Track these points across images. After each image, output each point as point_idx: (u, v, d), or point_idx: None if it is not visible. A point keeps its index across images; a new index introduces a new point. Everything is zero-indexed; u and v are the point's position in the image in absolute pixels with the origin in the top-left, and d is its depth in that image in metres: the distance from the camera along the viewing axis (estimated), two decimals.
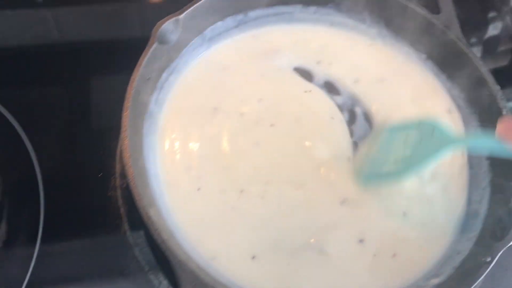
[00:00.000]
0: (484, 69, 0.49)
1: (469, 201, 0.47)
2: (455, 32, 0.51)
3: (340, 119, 0.49)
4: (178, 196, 0.44)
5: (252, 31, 0.54)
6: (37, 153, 0.48)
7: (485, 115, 0.49)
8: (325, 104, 0.50)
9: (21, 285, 0.42)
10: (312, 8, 0.54)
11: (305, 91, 0.50)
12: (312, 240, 0.43)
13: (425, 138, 0.43)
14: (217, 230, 0.43)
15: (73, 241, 0.45)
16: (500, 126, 0.37)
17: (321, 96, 0.51)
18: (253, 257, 0.43)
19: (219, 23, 0.52)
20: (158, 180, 0.45)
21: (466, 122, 0.51)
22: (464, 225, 0.46)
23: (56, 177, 0.48)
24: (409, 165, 0.43)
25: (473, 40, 0.61)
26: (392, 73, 0.53)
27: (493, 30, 0.64)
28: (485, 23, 0.64)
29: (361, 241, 0.44)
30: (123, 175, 0.47)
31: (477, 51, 0.59)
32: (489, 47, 0.59)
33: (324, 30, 0.55)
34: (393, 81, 0.52)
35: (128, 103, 0.42)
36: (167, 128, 0.48)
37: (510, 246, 0.45)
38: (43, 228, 0.44)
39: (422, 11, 0.52)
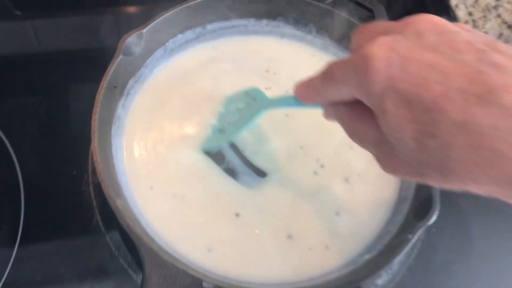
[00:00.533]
0: None
1: (400, 189, 0.54)
2: None
3: None
4: (139, 191, 0.51)
5: (210, 42, 0.60)
6: (18, 156, 0.53)
7: None
8: None
9: (3, 274, 0.47)
10: (264, 21, 0.61)
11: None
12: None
13: (250, 104, 0.50)
14: (172, 223, 0.49)
15: (51, 236, 0.50)
16: (296, 90, 0.39)
17: None
18: (209, 250, 0.49)
19: (179, 36, 0.58)
20: (125, 176, 0.51)
21: None
22: (396, 209, 0.53)
23: (35, 177, 0.53)
24: (237, 127, 0.50)
25: None
26: None
27: None
28: None
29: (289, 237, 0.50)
30: (95, 172, 0.53)
31: None
32: None
33: (275, 41, 0.61)
34: None
35: (97, 108, 0.48)
36: (132, 130, 0.53)
37: (436, 226, 0.53)
38: (23, 224, 0.50)
39: (360, 23, 0.59)
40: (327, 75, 0.35)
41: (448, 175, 0.29)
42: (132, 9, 0.73)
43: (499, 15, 0.73)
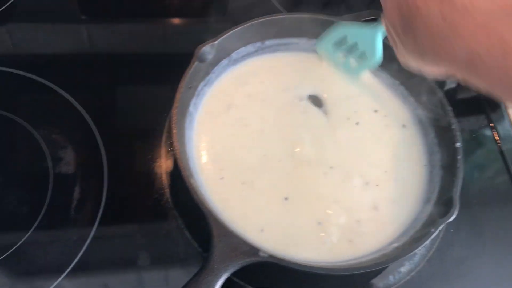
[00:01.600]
0: (441, 94, 0.65)
1: (426, 192, 0.63)
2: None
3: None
4: (207, 176, 0.60)
5: (267, 55, 0.70)
6: (102, 138, 0.63)
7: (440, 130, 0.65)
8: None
9: (90, 232, 0.57)
10: (315, 40, 0.71)
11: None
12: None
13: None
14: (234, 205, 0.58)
15: (128, 211, 0.60)
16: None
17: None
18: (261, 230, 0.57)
19: (242, 48, 0.68)
20: (194, 164, 0.60)
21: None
22: (420, 209, 0.61)
23: (117, 161, 0.62)
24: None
25: None
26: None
27: (451, 84, 0.78)
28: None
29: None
30: (166, 157, 0.63)
31: None
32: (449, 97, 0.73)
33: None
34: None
35: (177, 104, 0.57)
36: (200, 125, 0.63)
37: (453, 226, 0.61)
38: (106, 193, 0.59)
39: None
40: None
41: (424, 56, 0.40)
42: (177, 21, 0.83)
43: None
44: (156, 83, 0.71)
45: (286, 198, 0.59)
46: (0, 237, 0.56)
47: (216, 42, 0.63)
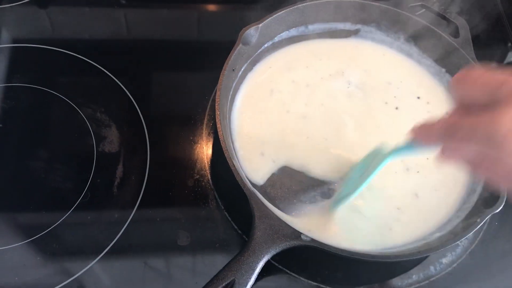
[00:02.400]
0: None
1: (470, 181, 0.61)
2: (469, 54, 0.65)
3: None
4: (247, 157, 0.60)
5: (310, 41, 0.69)
6: (145, 119, 0.64)
7: None
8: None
9: (132, 210, 0.57)
10: (359, 26, 0.70)
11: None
12: None
13: (371, 160, 0.54)
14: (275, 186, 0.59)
15: (171, 179, 0.60)
16: (413, 132, 0.41)
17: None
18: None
19: (286, 32, 0.67)
20: (235, 146, 0.60)
21: None
22: (465, 199, 0.60)
23: (158, 137, 0.63)
24: (360, 183, 0.53)
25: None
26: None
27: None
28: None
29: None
30: (208, 139, 0.63)
31: None
32: None
33: (365, 43, 0.70)
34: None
35: (221, 85, 0.57)
36: (242, 109, 0.63)
37: (498, 218, 0.60)
38: (148, 171, 0.60)
39: (444, 34, 0.66)
40: (452, 131, 0.36)
41: None
42: (213, 7, 0.83)
43: None
44: (196, 69, 0.71)
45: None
46: (45, 213, 0.57)
47: (260, 25, 0.62)
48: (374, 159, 0.54)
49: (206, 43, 0.75)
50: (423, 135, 0.40)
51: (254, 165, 0.60)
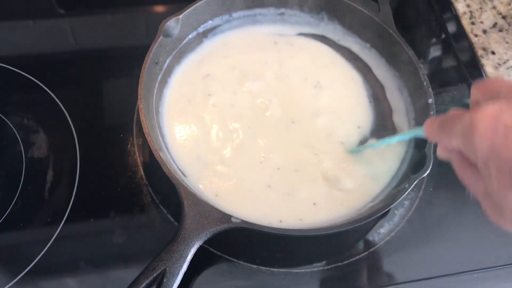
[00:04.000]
0: (412, 53, 0.64)
1: (402, 152, 0.62)
2: (391, 27, 0.67)
3: None
4: (176, 148, 0.60)
5: (238, 29, 0.70)
6: (73, 122, 0.63)
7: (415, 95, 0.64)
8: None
9: (65, 213, 0.57)
10: (282, 9, 0.70)
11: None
12: None
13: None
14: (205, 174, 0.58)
15: (102, 186, 0.59)
16: (426, 127, 0.42)
17: None
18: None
19: (209, 22, 0.67)
20: (166, 139, 0.60)
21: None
22: (398, 168, 0.61)
23: (88, 138, 0.63)
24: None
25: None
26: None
27: (434, 52, 0.80)
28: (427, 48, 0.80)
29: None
30: (138, 135, 0.63)
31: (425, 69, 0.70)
32: (434, 65, 0.73)
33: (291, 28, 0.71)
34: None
35: (143, 78, 0.57)
36: (171, 99, 0.63)
37: (432, 184, 0.61)
38: (79, 173, 0.59)
39: (366, 10, 0.67)
40: (442, 126, 0.38)
41: None
42: (160, 8, 0.82)
43: (494, 7, 0.81)
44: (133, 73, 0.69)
45: (261, 162, 0.59)
46: None
47: (180, 16, 0.62)
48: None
49: (137, 48, 0.74)
50: (427, 127, 0.42)
51: (187, 156, 0.59)
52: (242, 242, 0.57)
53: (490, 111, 0.32)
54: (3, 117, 0.63)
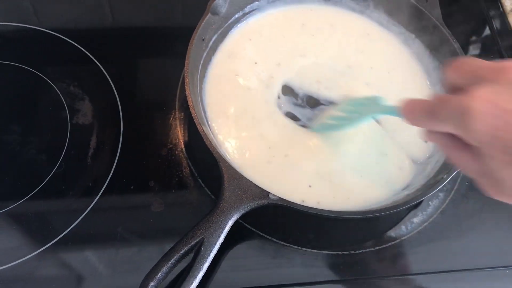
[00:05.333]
0: (457, 45, 0.64)
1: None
2: (438, 19, 0.66)
3: None
4: (218, 124, 0.61)
5: (281, 8, 0.70)
6: (118, 90, 0.65)
7: None
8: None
9: (106, 179, 0.58)
10: None
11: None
12: None
13: (367, 105, 0.57)
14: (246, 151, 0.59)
15: (144, 157, 0.61)
16: (403, 109, 0.42)
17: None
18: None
19: (256, 2, 0.68)
20: (207, 113, 0.61)
21: None
22: (434, 157, 0.61)
23: (131, 109, 0.64)
24: (350, 121, 0.57)
25: None
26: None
27: (474, 50, 0.79)
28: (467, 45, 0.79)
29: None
30: (181, 109, 0.64)
31: None
32: None
33: (334, 9, 0.71)
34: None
35: (189, 54, 0.58)
36: (214, 76, 0.64)
37: (469, 178, 0.61)
38: (122, 142, 0.61)
39: (413, 1, 0.67)
40: (431, 112, 0.38)
41: None
42: None
43: None
44: (176, 53, 0.70)
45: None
46: (20, 184, 0.58)
47: None
48: (368, 106, 0.56)
49: (187, 28, 0.75)
50: (407, 111, 0.42)
51: (226, 130, 0.60)
52: (276, 220, 0.58)
53: (485, 95, 0.33)
54: (51, 83, 0.64)
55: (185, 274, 0.47)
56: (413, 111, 0.41)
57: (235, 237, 0.57)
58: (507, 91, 0.33)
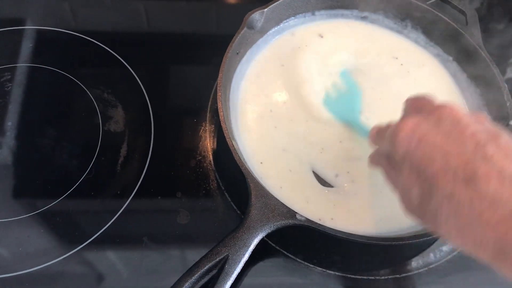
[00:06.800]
0: (497, 71, 0.62)
1: None
2: (477, 42, 0.65)
3: None
4: (249, 140, 0.60)
5: (316, 26, 0.70)
6: (151, 100, 0.65)
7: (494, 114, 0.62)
8: None
9: (134, 187, 0.59)
10: (365, 13, 0.70)
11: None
12: None
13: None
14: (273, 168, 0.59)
15: (174, 160, 0.62)
16: (370, 133, 0.51)
17: None
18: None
19: (292, 18, 0.68)
20: (237, 128, 0.61)
21: None
22: None
23: (163, 119, 0.64)
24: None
25: None
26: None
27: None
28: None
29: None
30: (211, 122, 0.64)
31: None
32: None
33: (371, 28, 0.70)
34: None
35: (223, 67, 0.58)
36: (246, 91, 0.63)
37: None
38: (152, 151, 0.61)
39: (453, 22, 0.66)
40: (378, 132, 0.49)
41: (437, 229, 0.39)
42: (231, 0, 0.83)
43: None
44: (207, 60, 0.70)
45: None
46: (50, 188, 0.59)
47: (266, 9, 0.63)
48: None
49: (217, 37, 0.76)
50: (370, 134, 0.51)
51: (256, 147, 0.60)
52: (301, 240, 0.57)
53: (410, 122, 0.41)
54: (85, 89, 0.65)
55: None
56: (372, 132, 0.51)
57: (258, 254, 0.56)
58: (431, 123, 0.40)
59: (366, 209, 0.57)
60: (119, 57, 0.68)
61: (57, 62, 0.68)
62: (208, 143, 0.63)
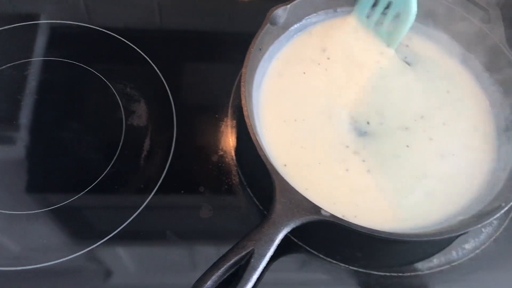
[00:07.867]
0: None
1: (495, 170, 0.60)
2: (501, 41, 0.64)
3: None
4: (271, 132, 0.60)
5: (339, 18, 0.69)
6: (173, 95, 0.66)
7: None
8: None
9: (158, 181, 0.59)
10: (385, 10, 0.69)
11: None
12: None
13: None
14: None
15: (196, 155, 0.62)
16: None
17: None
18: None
19: (314, 15, 0.68)
20: (259, 123, 0.61)
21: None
22: (491, 184, 0.59)
23: (185, 114, 0.65)
24: None
25: None
26: None
27: None
28: None
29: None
30: (233, 117, 0.64)
31: None
32: None
33: None
34: None
35: (247, 63, 0.58)
36: (268, 88, 0.63)
37: None
38: (174, 145, 0.62)
39: (475, 20, 0.65)
40: None
41: None
42: None
43: None
44: (226, 58, 0.72)
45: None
46: (74, 182, 0.59)
47: (289, 5, 0.63)
48: None
49: (237, 34, 0.76)
50: None
51: (279, 143, 0.60)
52: (324, 236, 0.57)
53: None
54: (109, 83, 0.66)
55: (233, 284, 0.47)
56: None
57: (281, 249, 0.56)
58: None
59: (389, 208, 0.57)
60: (142, 53, 0.69)
61: (81, 57, 0.68)
62: (230, 139, 0.63)
